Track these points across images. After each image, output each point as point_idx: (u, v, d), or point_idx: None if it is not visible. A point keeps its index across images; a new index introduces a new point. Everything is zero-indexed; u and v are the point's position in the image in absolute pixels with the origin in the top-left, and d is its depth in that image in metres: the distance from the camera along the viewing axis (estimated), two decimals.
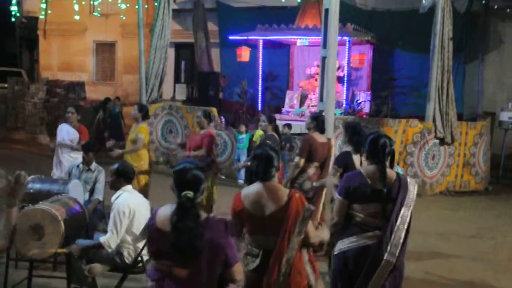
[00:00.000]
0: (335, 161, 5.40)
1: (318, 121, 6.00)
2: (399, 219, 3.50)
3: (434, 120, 9.82)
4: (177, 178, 2.79)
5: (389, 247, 3.45)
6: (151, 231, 2.81)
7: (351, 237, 3.56)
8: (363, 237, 3.53)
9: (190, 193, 2.72)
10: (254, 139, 10.43)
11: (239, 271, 2.79)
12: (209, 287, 2.73)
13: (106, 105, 13.63)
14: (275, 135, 7.14)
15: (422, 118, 10.00)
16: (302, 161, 5.87)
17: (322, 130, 6.05)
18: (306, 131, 6.23)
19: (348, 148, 5.35)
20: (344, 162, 5.20)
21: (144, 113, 6.82)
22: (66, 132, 7.18)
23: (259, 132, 10.52)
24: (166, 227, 2.71)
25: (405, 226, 3.52)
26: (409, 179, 3.60)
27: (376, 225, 3.53)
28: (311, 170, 5.95)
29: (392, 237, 3.47)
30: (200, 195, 2.79)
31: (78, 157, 6.77)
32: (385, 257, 3.44)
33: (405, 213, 3.52)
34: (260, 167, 3.21)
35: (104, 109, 13.36)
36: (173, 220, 2.68)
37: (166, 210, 2.77)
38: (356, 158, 5.13)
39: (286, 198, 3.16)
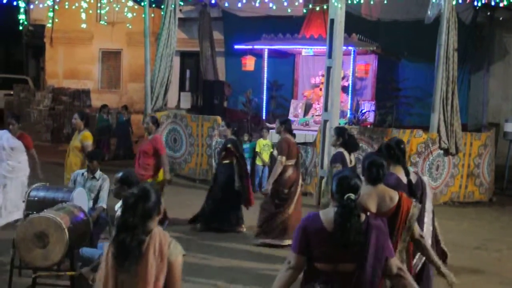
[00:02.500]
0: (334, 160, 6.08)
1: (286, 124, 6.86)
2: None
3: (438, 131, 9.81)
4: (341, 183, 3.04)
5: None
6: (317, 233, 2.98)
7: None
8: None
9: (352, 196, 2.98)
10: (257, 149, 10.44)
11: (396, 264, 3.06)
12: (375, 281, 2.96)
13: (100, 112, 13.72)
14: (234, 137, 7.74)
15: (426, 129, 9.98)
16: (284, 159, 6.64)
17: (291, 132, 6.87)
18: (312, 139, 6.91)
19: (340, 149, 6.15)
20: (341, 160, 5.95)
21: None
22: (6, 140, 7.26)
23: (262, 142, 10.55)
24: (330, 227, 2.95)
25: None
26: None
27: None
28: (291, 169, 6.73)
29: None
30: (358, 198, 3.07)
31: (15, 165, 7.01)
32: None
33: None
34: (376, 171, 3.59)
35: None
36: (338, 220, 2.92)
37: (328, 213, 3.03)
38: (347, 157, 6.09)
39: (398, 197, 3.59)
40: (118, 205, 4.55)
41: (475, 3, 11.09)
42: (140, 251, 2.75)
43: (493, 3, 10.71)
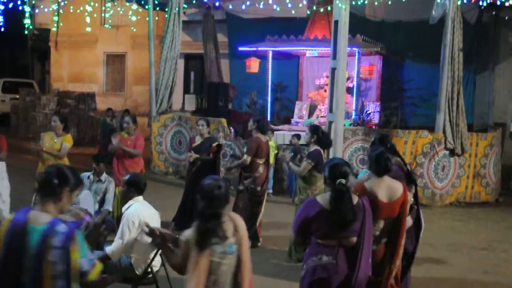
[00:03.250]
0: (308, 156, 6.24)
1: (259, 124, 6.96)
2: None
3: (444, 131, 9.78)
4: (333, 170, 3.57)
5: None
6: (318, 215, 3.49)
7: None
8: None
9: (343, 181, 3.51)
10: None
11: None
12: (370, 251, 3.66)
13: (104, 115, 13.61)
14: (213, 136, 8.00)
15: (432, 129, 9.96)
16: (249, 159, 6.79)
17: (263, 132, 7.04)
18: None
19: (317, 147, 6.30)
20: (317, 158, 6.18)
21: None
22: None
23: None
24: (328, 208, 3.49)
25: None
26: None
27: None
28: (261, 168, 6.92)
29: None
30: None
31: None
32: None
33: None
34: (384, 164, 3.99)
35: None
36: (333, 202, 3.46)
37: (325, 196, 3.57)
38: (323, 154, 6.42)
39: (402, 188, 4.01)
40: (125, 207, 4.57)
41: (480, 2, 11.06)
42: (225, 234, 3.04)
43: (498, 3, 10.68)
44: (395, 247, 3.99)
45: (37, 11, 14.29)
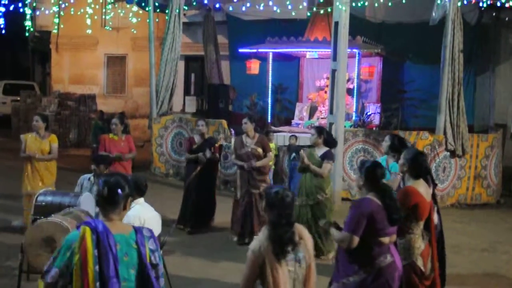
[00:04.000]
0: (329, 158, 6.56)
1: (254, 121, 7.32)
2: None
3: (445, 132, 9.78)
4: (374, 173, 3.71)
5: None
6: (378, 212, 3.60)
7: None
8: None
9: (385, 181, 3.80)
10: None
11: None
12: None
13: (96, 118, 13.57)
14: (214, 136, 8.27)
15: (432, 131, 9.96)
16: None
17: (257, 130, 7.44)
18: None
19: (327, 148, 6.62)
20: (334, 158, 6.66)
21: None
22: None
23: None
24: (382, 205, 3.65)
25: None
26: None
27: None
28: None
29: None
30: None
31: None
32: None
33: None
34: (425, 166, 4.16)
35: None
36: (386, 201, 3.62)
37: (373, 196, 3.69)
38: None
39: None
40: None
41: (481, 4, 11.08)
42: (296, 242, 3.07)
43: (498, 4, 10.68)
44: (431, 244, 4.25)
45: (38, 13, 14.34)
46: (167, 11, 12.18)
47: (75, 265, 2.61)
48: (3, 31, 9.24)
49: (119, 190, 2.79)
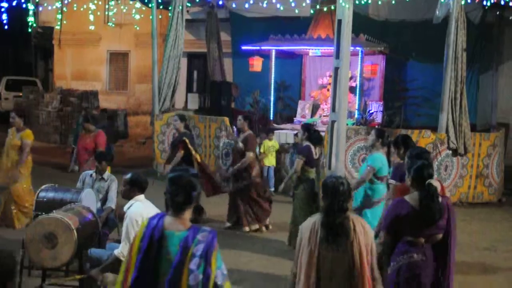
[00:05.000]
0: (300, 152, 6.83)
1: (250, 120, 7.75)
2: None
3: (447, 131, 9.76)
4: (422, 172, 3.75)
5: None
6: (409, 214, 3.66)
7: None
8: None
9: (432, 181, 3.77)
10: (262, 150, 10.42)
11: None
12: (455, 243, 3.88)
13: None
14: (187, 131, 8.15)
15: (435, 129, 9.94)
16: (253, 155, 7.52)
17: (252, 128, 7.70)
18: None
19: (307, 143, 6.85)
20: (307, 153, 6.71)
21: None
22: None
23: (268, 143, 10.54)
24: (418, 207, 3.67)
25: None
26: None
27: None
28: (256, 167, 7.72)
29: None
30: None
31: None
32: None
33: None
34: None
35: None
36: (425, 201, 3.64)
37: (412, 196, 3.73)
38: (313, 149, 6.87)
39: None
40: (127, 206, 4.56)
41: (484, 2, 11.02)
42: (348, 229, 3.24)
43: (502, 3, 10.62)
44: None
45: (40, 9, 14.35)
46: (170, 8, 12.16)
47: (129, 249, 2.83)
48: (6, 27, 9.22)
49: (193, 193, 2.84)
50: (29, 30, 11.21)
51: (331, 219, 3.25)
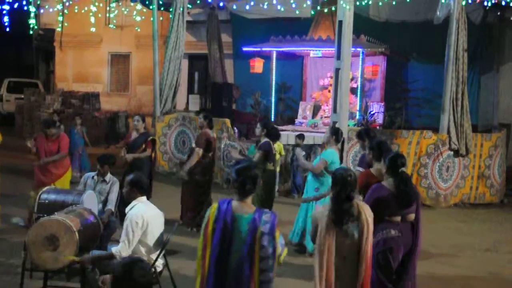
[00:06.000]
0: (260, 148, 7.00)
1: (209, 119, 7.71)
2: None
3: (448, 132, 9.75)
4: (395, 161, 4.32)
5: None
6: (387, 197, 4.24)
7: None
8: None
9: (404, 169, 4.35)
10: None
11: None
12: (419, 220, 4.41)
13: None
14: (148, 132, 8.28)
15: (436, 130, 9.93)
16: (201, 151, 7.44)
17: (211, 127, 7.75)
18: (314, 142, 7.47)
19: (266, 139, 7.07)
20: (267, 149, 6.98)
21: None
22: None
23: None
24: (394, 191, 4.25)
25: None
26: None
27: None
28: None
29: None
30: None
31: None
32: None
33: None
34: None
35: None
36: (401, 186, 4.23)
37: (389, 182, 4.32)
38: (272, 145, 7.13)
39: None
40: (128, 208, 4.57)
41: (485, 3, 11.02)
42: (354, 215, 3.66)
43: (503, 3, 10.63)
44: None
45: (42, 11, 14.34)
46: (171, 10, 12.18)
47: (204, 230, 3.26)
48: (8, 29, 9.24)
49: (258, 181, 3.33)
50: (31, 32, 11.23)
51: (339, 206, 3.64)
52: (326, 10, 12.74)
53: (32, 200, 6.56)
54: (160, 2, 12.73)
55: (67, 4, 12.19)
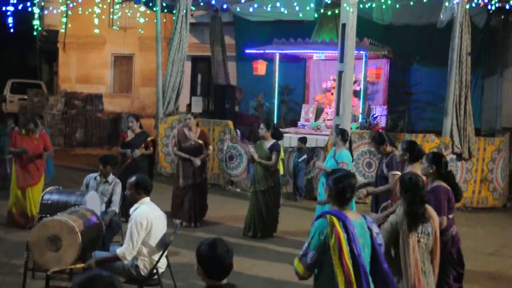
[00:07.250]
0: (275, 149, 7.29)
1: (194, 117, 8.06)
2: None
3: (451, 135, 9.74)
4: (442, 161, 4.61)
5: None
6: (452, 197, 4.56)
7: None
8: None
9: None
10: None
11: None
12: None
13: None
14: (146, 131, 8.37)
15: (439, 133, 9.92)
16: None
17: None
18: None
19: (274, 140, 7.37)
20: (279, 149, 7.37)
21: None
22: None
23: None
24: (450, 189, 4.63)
25: None
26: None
27: None
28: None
29: None
30: None
31: None
32: None
33: None
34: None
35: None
36: (455, 185, 4.65)
37: (443, 183, 4.57)
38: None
39: None
40: (133, 209, 4.57)
41: (489, 6, 11.01)
42: (428, 217, 3.93)
43: (507, 7, 10.62)
44: None
45: (45, 12, 14.40)
46: (174, 12, 12.20)
47: (332, 246, 3.15)
48: (11, 30, 9.29)
49: (356, 188, 3.42)
50: (34, 33, 11.27)
51: (415, 210, 3.86)
52: (329, 13, 12.73)
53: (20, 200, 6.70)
54: (164, 4, 12.76)
55: (70, 5, 12.24)
